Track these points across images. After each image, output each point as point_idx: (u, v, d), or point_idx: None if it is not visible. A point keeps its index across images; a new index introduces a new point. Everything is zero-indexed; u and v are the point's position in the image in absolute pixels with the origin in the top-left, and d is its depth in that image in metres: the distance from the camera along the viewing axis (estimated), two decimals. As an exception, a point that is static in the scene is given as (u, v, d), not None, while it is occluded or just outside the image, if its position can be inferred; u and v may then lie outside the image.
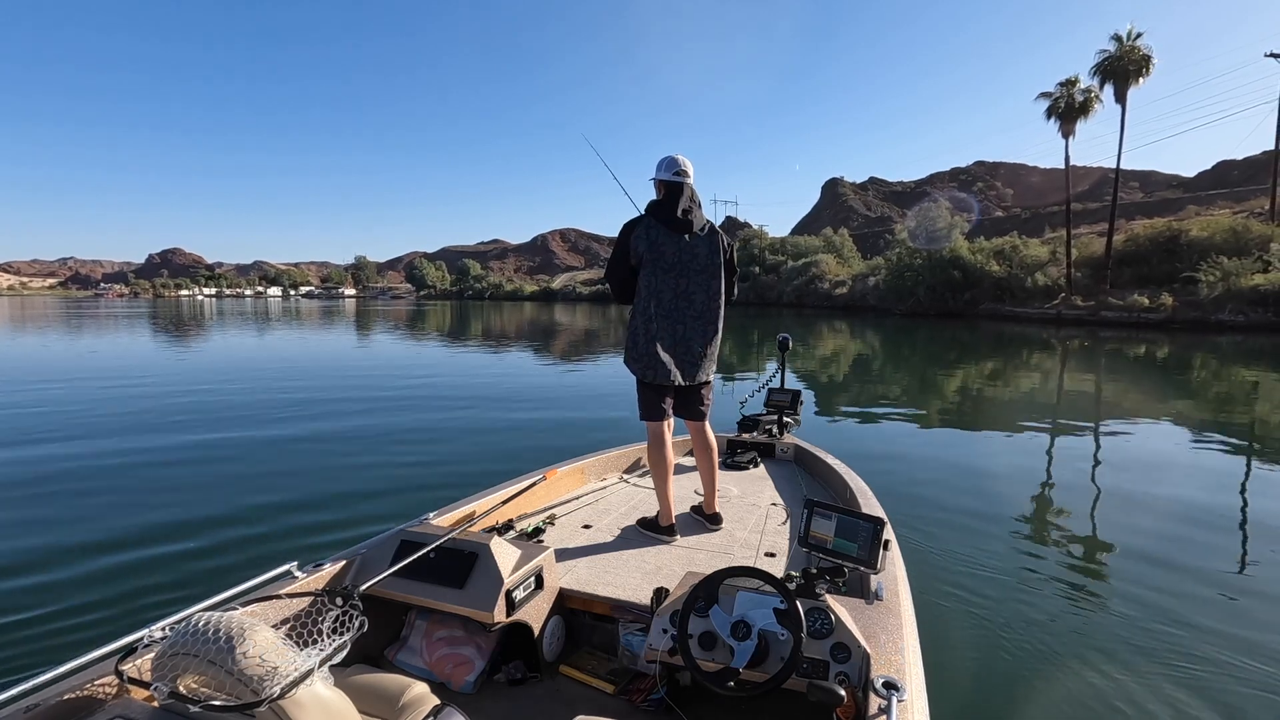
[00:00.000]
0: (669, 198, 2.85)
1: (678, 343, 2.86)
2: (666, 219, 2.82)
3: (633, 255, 2.85)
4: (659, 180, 2.89)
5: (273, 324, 35.50)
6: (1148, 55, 30.86)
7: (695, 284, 2.86)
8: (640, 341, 2.85)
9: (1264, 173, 40.61)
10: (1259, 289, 24.86)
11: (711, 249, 2.89)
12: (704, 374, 2.94)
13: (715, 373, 3.04)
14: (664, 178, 2.86)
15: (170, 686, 1.17)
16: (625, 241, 2.86)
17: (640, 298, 2.85)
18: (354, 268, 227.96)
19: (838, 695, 1.50)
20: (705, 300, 2.88)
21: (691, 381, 2.91)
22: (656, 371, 2.83)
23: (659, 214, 2.84)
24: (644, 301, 2.84)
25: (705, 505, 3.07)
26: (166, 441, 7.14)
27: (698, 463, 3.09)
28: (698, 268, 2.86)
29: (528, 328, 33.13)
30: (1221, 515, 4.96)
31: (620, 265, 2.89)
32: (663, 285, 2.82)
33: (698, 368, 2.90)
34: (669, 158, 2.87)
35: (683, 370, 2.87)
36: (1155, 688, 2.71)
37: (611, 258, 2.93)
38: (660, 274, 2.82)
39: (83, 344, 21.01)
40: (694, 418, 3.01)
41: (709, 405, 3.03)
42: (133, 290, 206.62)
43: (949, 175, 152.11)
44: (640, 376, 2.89)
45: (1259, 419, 9.29)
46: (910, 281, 39.12)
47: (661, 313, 2.83)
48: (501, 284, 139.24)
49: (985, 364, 16.20)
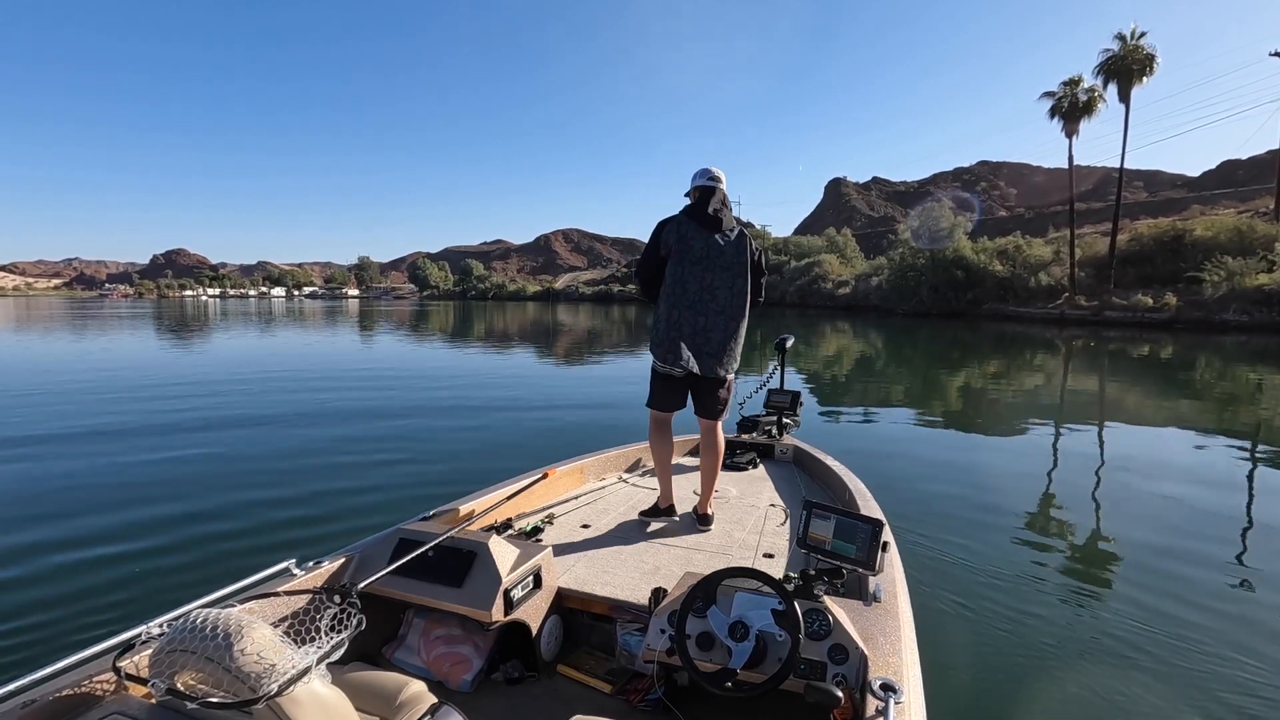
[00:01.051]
0: (701, 199, 3.03)
1: (698, 333, 2.96)
2: (698, 216, 2.98)
3: (663, 247, 3.00)
4: (695, 187, 3.08)
5: (276, 324, 35.59)
6: (1151, 54, 30.76)
7: (720, 280, 2.97)
8: (661, 328, 2.97)
9: (1269, 172, 40.40)
10: (1263, 289, 24.76)
11: (738, 249, 3.01)
12: (723, 368, 3.00)
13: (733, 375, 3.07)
14: (699, 184, 3.07)
15: (168, 683, 1.17)
16: (658, 235, 3.02)
17: (665, 287, 2.99)
18: (357, 268, 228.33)
19: (835, 696, 1.50)
20: (729, 296, 2.99)
21: (710, 374, 2.99)
22: (676, 357, 2.93)
23: (691, 212, 3.01)
24: (669, 291, 2.97)
25: (699, 505, 3.10)
26: (167, 438, 7.18)
27: (701, 460, 3.12)
28: (724, 264, 2.98)
29: (530, 328, 33.16)
30: (1224, 517, 4.94)
31: (651, 258, 3.04)
32: (689, 277, 2.95)
33: (716, 359, 2.98)
34: (704, 169, 3.09)
35: (700, 360, 2.96)
36: (1154, 689, 2.71)
37: (643, 253, 3.08)
38: (687, 266, 2.95)
39: (87, 343, 21.09)
40: (708, 415, 3.07)
41: (725, 406, 3.09)
42: (137, 291, 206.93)
43: (952, 175, 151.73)
44: (660, 360, 2.98)
45: (1263, 420, 9.25)
46: (913, 281, 39.05)
47: (685, 303, 2.95)
48: (504, 284, 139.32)
49: (988, 364, 16.16)
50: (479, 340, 24.49)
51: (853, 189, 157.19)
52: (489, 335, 27.32)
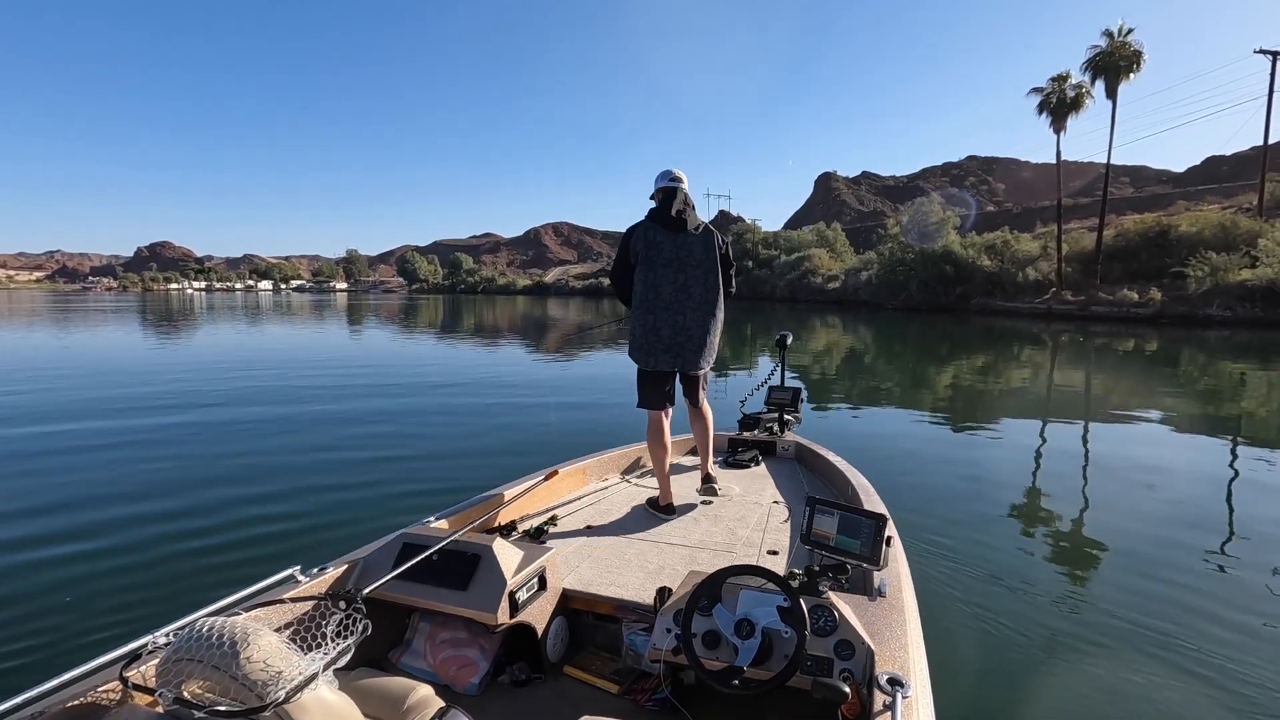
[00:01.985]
0: (664, 201, 3.13)
1: (678, 332, 3.07)
2: (662, 219, 3.08)
3: (632, 254, 3.11)
4: (658, 189, 3.18)
5: (264, 318, 35.21)
6: (1139, 51, 30.96)
7: (693, 278, 3.08)
8: (639, 333, 3.09)
9: (1252, 168, 40.92)
10: (1246, 284, 25.09)
11: (706, 245, 3.11)
12: (704, 362, 3.16)
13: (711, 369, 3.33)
14: (661, 185, 3.17)
15: (175, 692, 1.16)
16: (626, 244, 3.14)
17: (639, 292, 3.09)
18: (345, 261, 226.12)
19: (842, 692, 1.50)
20: (703, 293, 3.10)
21: (693, 370, 3.15)
22: (658, 360, 3.07)
23: (656, 216, 3.11)
24: (643, 296, 3.07)
25: (701, 469, 3.37)
26: (166, 447, 7.06)
27: (694, 432, 3.40)
28: (694, 263, 3.08)
29: (521, 322, 33.04)
30: (1218, 507, 5.04)
31: (622, 266, 3.18)
32: (662, 279, 3.05)
33: (698, 354, 3.12)
34: (665, 170, 3.20)
35: (684, 359, 3.10)
36: (1158, 680, 2.74)
37: (614, 261, 3.22)
38: (659, 269, 3.05)
39: (71, 338, 20.76)
40: (692, 400, 3.33)
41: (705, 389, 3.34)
42: (121, 284, 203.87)
43: (941, 170, 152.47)
44: (642, 365, 3.12)
45: (1246, 413, 9.41)
46: (902, 276, 39.24)
47: (662, 305, 3.05)
48: (494, 278, 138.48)
49: (977, 358, 16.31)
50: (470, 335, 24.37)
51: (843, 183, 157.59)
52: (480, 330, 27.19)
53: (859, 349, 19.12)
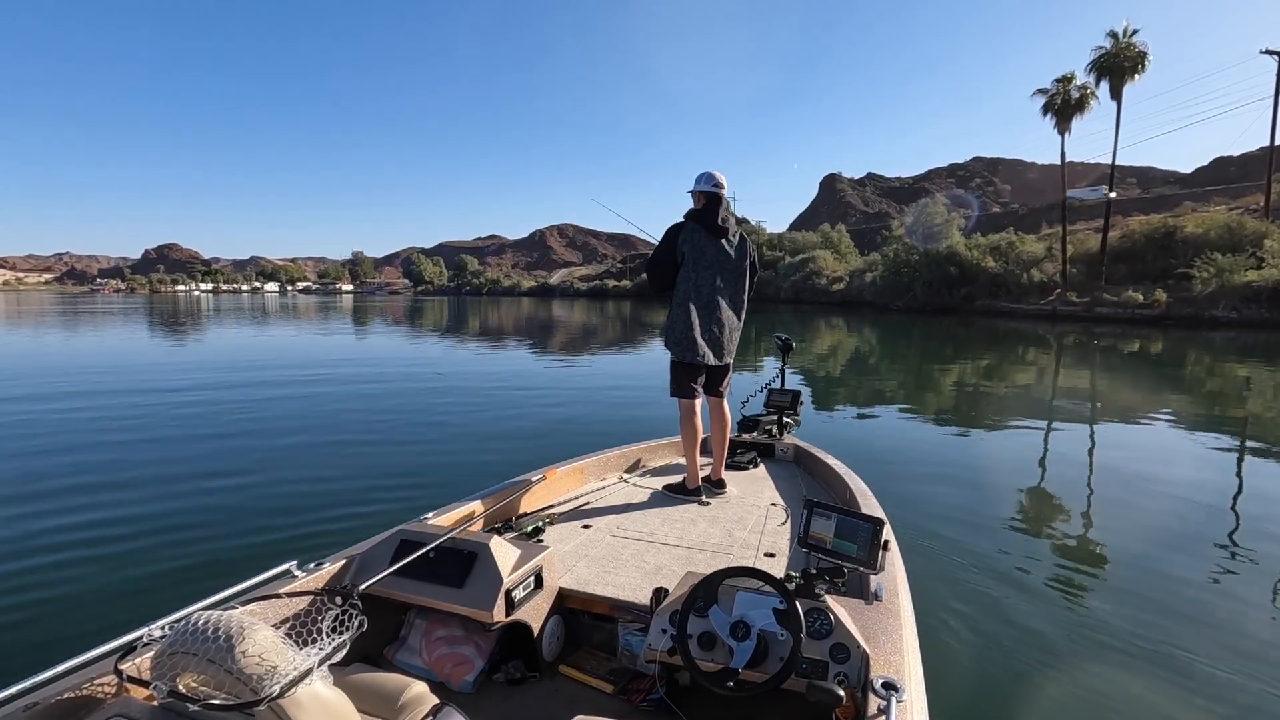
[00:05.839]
0: (709, 207, 3.33)
1: (713, 329, 3.35)
2: (708, 225, 3.30)
3: (678, 254, 3.32)
4: (698, 191, 3.36)
5: (271, 320, 35.37)
6: (1143, 52, 30.84)
7: (727, 281, 3.37)
8: (679, 327, 3.32)
9: (1260, 169, 40.68)
10: (1252, 285, 24.96)
11: (741, 252, 3.41)
12: (730, 356, 3.46)
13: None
14: (704, 189, 3.34)
15: (170, 685, 1.17)
16: (672, 242, 3.32)
17: (681, 290, 3.32)
18: (351, 263, 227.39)
19: (837, 696, 1.51)
20: (734, 295, 3.42)
21: (720, 361, 3.41)
22: (695, 353, 3.32)
23: (701, 220, 3.31)
24: (686, 294, 3.30)
25: (713, 472, 3.47)
26: (165, 440, 7.12)
27: (712, 432, 3.61)
28: (730, 267, 3.37)
29: (526, 324, 33.08)
30: (1219, 511, 5.00)
31: (665, 260, 3.35)
32: (703, 280, 3.31)
33: (726, 350, 3.43)
34: (707, 173, 3.36)
35: (715, 352, 3.37)
36: (1154, 686, 2.73)
37: (657, 253, 3.38)
38: (701, 271, 3.30)
39: (79, 340, 20.91)
40: (716, 394, 3.53)
41: (728, 386, 3.59)
42: (129, 286, 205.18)
43: (947, 171, 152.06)
44: (679, 358, 3.35)
45: (1251, 414, 9.34)
46: (907, 277, 39.14)
47: (701, 303, 3.31)
48: (499, 280, 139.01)
49: (981, 360, 16.24)
50: (475, 337, 24.41)
51: (848, 185, 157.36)
52: (484, 332, 27.24)
53: (863, 350, 19.08)
